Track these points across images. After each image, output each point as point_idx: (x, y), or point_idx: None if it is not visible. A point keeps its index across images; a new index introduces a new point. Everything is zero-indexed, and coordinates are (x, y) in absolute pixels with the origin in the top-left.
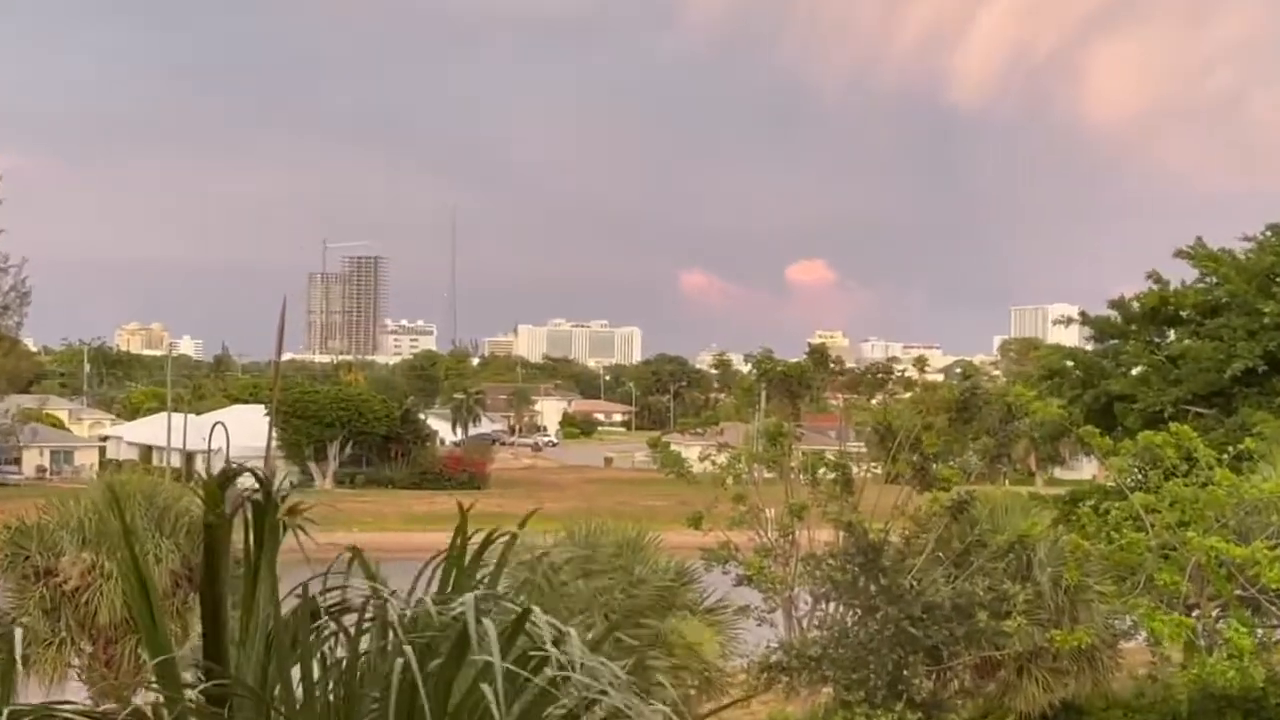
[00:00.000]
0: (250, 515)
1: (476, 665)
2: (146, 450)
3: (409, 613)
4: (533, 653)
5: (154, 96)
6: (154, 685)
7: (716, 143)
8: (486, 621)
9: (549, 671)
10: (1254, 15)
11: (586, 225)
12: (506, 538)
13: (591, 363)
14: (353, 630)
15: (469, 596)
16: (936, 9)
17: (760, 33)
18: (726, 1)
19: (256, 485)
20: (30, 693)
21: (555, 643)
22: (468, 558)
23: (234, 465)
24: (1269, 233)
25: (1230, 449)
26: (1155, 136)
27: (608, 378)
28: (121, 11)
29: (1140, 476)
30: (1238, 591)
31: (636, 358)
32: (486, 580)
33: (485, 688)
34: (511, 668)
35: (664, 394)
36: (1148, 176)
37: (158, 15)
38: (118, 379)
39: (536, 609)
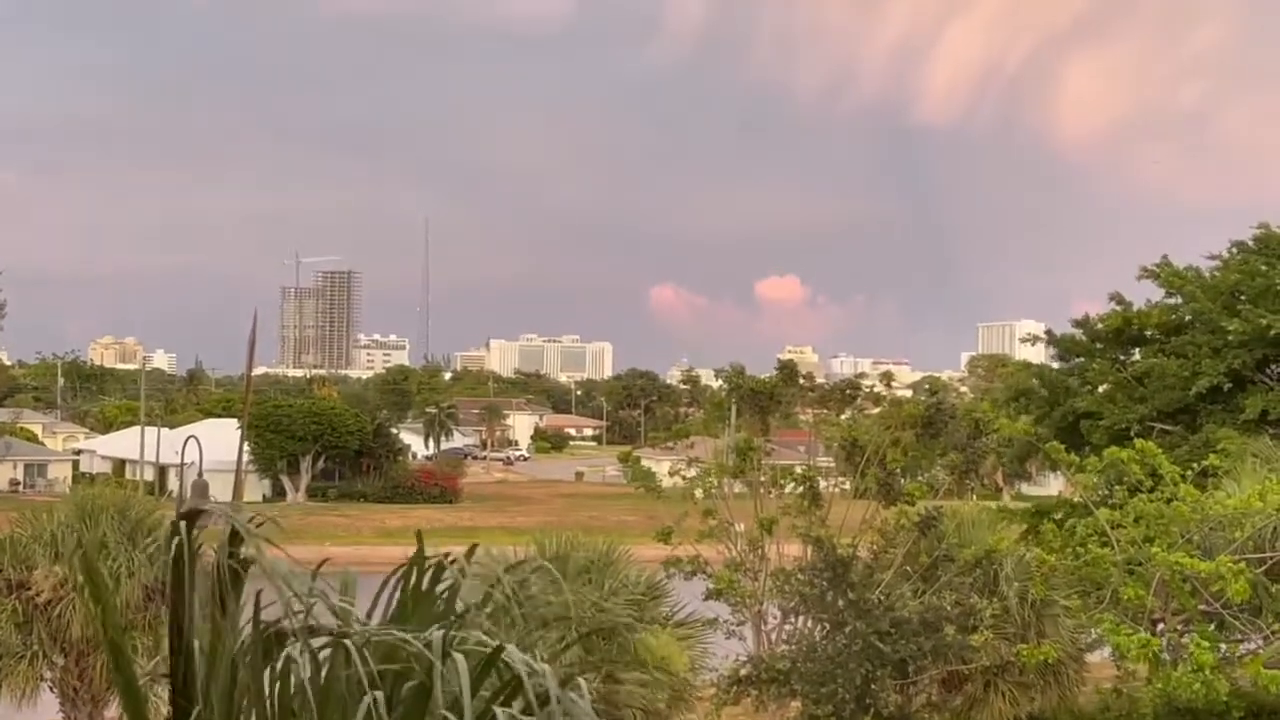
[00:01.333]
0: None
1: (448, 701)
2: (120, 464)
3: (375, 638)
4: (500, 709)
5: (128, 109)
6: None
7: (690, 156)
8: (457, 656)
9: (513, 712)
10: (1221, 32)
11: (560, 237)
12: (463, 557)
13: (563, 377)
14: (322, 654)
15: (436, 633)
16: (907, 24)
17: (733, 47)
18: (701, 16)
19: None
20: (3, 706)
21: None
22: (427, 578)
23: (205, 488)
24: (1234, 250)
25: (1195, 465)
26: (1125, 152)
27: (579, 392)
28: (92, 24)
29: (1106, 492)
30: (1202, 606)
31: (608, 373)
32: (445, 602)
33: None
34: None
35: (635, 409)
36: (1117, 192)
37: (128, 28)
38: (91, 393)
39: (511, 646)
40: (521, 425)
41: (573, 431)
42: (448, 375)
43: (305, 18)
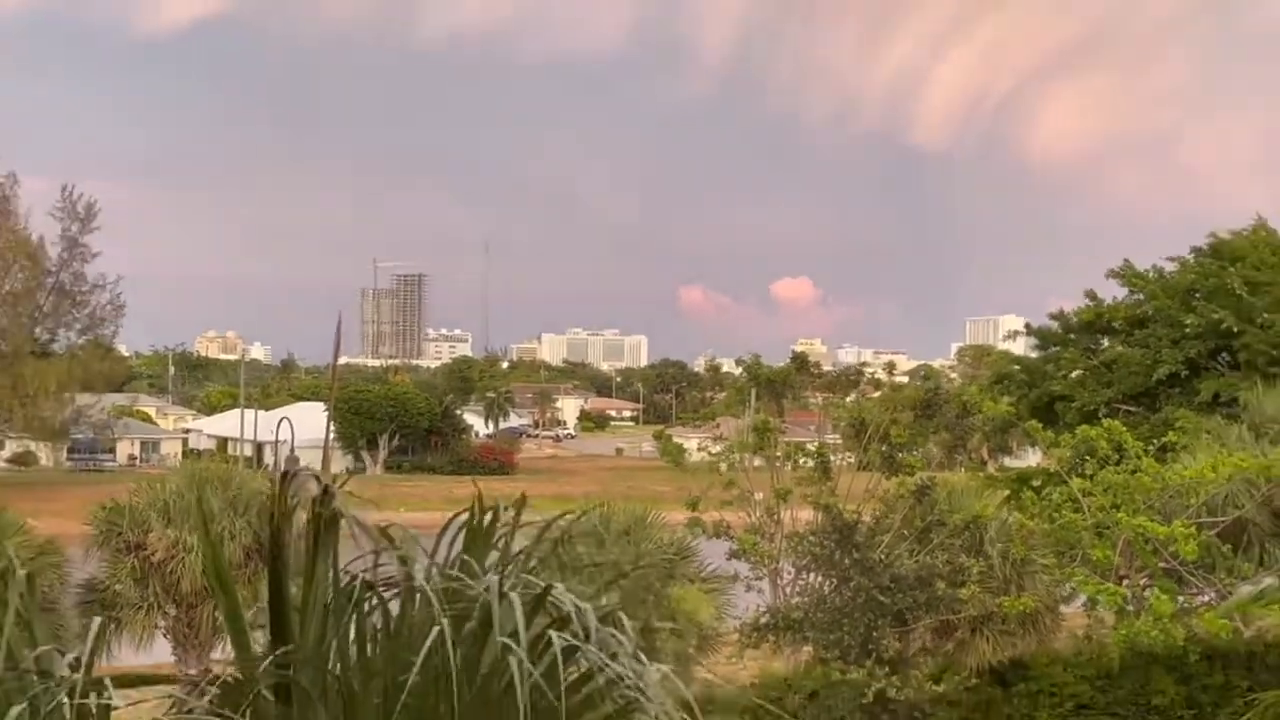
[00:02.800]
0: (312, 505)
1: (505, 632)
2: (223, 441)
3: (442, 585)
4: (553, 631)
5: (227, 135)
6: (229, 645)
7: (716, 174)
8: (512, 595)
9: (566, 639)
10: (1184, 66)
11: (602, 245)
12: (516, 511)
13: (605, 366)
14: (397, 601)
15: (492, 578)
16: (906, 59)
17: (754, 79)
18: (728, 52)
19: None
20: (123, 650)
21: (575, 613)
22: (486, 520)
23: (297, 462)
24: (1191, 255)
25: (1156, 442)
26: (1095, 170)
27: (619, 379)
28: (199, 61)
29: (1078, 465)
30: (1161, 564)
31: (643, 362)
32: (503, 547)
33: (511, 659)
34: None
35: (667, 393)
36: (1088, 205)
37: (230, 64)
38: (197, 380)
39: (558, 585)
40: (569, 408)
41: (613, 413)
42: (505, 364)
43: (384, 54)
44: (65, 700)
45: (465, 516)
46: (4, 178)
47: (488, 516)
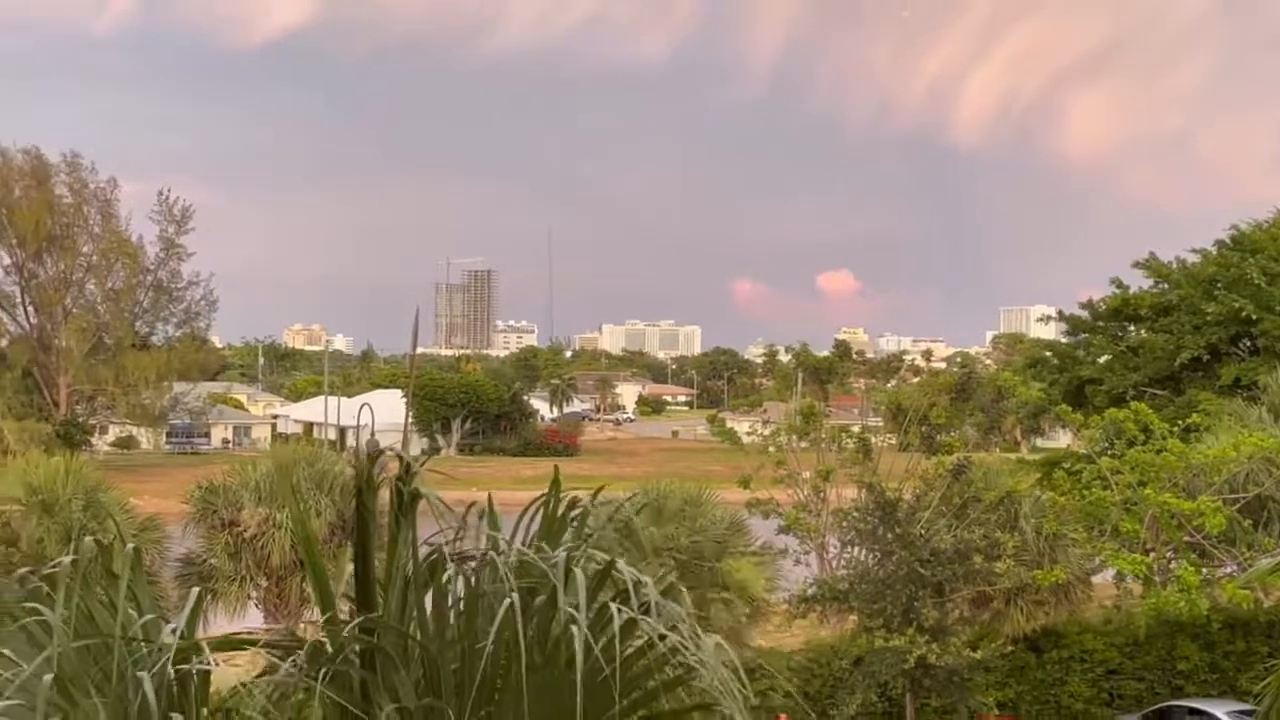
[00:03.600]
0: (394, 484)
1: (572, 603)
2: (309, 426)
3: (514, 559)
4: (613, 603)
5: (313, 144)
6: (317, 614)
7: (762, 174)
8: (577, 571)
9: (628, 612)
10: (1204, 65)
11: (657, 242)
12: (589, 495)
13: (661, 354)
14: (472, 574)
15: (561, 552)
16: (941, 64)
17: (798, 85)
18: (773, 60)
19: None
20: (218, 619)
21: (635, 586)
22: (562, 508)
23: (378, 445)
24: (1213, 247)
25: (1180, 423)
26: (1121, 166)
27: (674, 366)
28: (286, 74)
29: (1107, 445)
30: (1186, 538)
31: (697, 350)
32: (574, 529)
33: (574, 629)
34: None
35: (719, 379)
36: (1114, 199)
37: (314, 76)
38: (285, 369)
39: (620, 561)
40: (627, 393)
41: (669, 398)
42: (568, 354)
43: (455, 66)
44: (169, 664)
45: (541, 500)
46: (105, 182)
47: (562, 505)
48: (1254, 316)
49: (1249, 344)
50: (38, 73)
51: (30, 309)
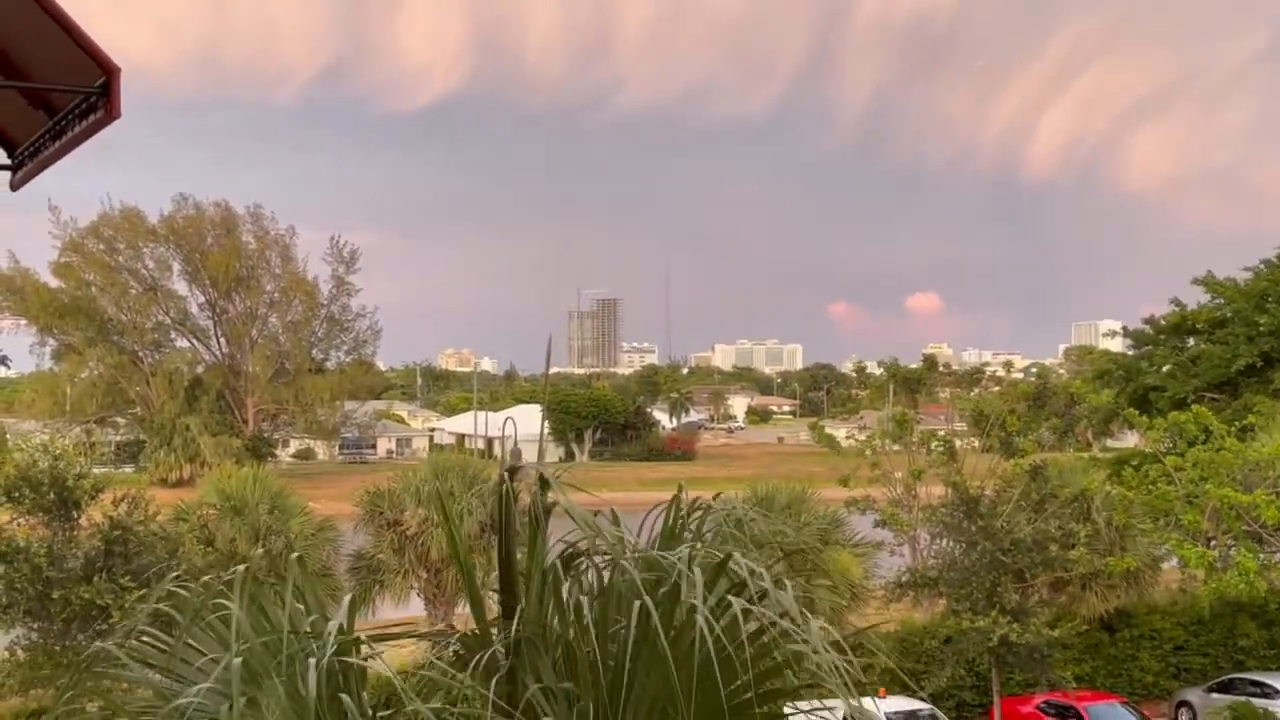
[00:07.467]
0: (534, 492)
1: (694, 595)
2: (460, 437)
3: (641, 556)
4: (731, 596)
5: (464, 193)
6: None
7: (855, 210)
8: (696, 569)
9: (741, 603)
10: (1251, 107)
11: (763, 272)
12: (709, 498)
13: (767, 370)
14: (604, 569)
15: (683, 550)
16: (1013, 108)
17: (886, 131)
18: (862, 110)
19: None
20: (385, 605)
21: (751, 574)
22: (684, 512)
23: (520, 455)
24: (1263, 266)
25: (1237, 424)
26: (1179, 194)
27: (779, 380)
28: (439, 132)
29: (1170, 445)
30: (1244, 527)
31: (799, 365)
32: (695, 530)
33: (698, 618)
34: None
35: (819, 391)
36: (1173, 226)
37: (462, 134)
38: (440, 388)
39: (736, 554)
40: (738, 405)
41: (774, 408)
42: (685, 370)
43: (583, 124)
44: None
45: (668, 503)
46: (285, 230)
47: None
48: None
49: None
50: (230, 139)
51: (222, 340)
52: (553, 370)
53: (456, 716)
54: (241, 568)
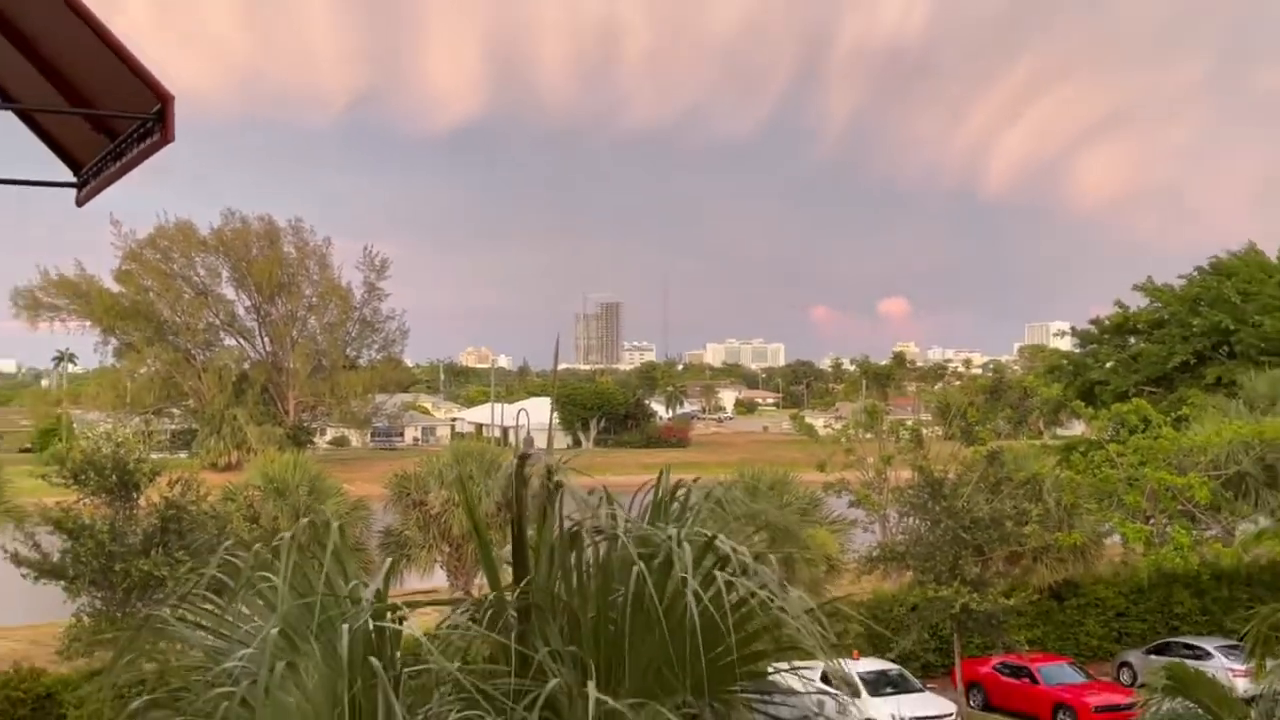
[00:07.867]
0: (543, 475)
1: (683, 570)
2: (479, 427)
3: (636, 533)
4: (717, 571)
5: (483, 204)
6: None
7: (833, 221)
8: (686, 545)
9: (727, 576)
10: (1190, 130)
11: (749, 277)
12: (693, 479)
13: (753, 366)
14: (603, 544)
15: (673, 529)
16: (976, 130)
17: (861, 150)
18: (842, 130)
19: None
20: (412, 577)
21: (733, 554)
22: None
23: (532, 442)
24: (1196, 273)
25: (1172, 415)
26: (1123, 209)
27: (763, 376)
28: (463, 151)
29: (1113, 434)
30: (1179, 507)
31: (782, 362)
32: (680, 510)
33: (687, 590)
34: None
35: (800, 385)
36: (1118, 236)
37: (482, 153)
38: (460, 383)
39: (721, 535)
40: (726, 397)
41: (760, 401)
42: (680, 366)
43: (591, 141)
44: (370, 620)
45: (653, 483)
46: (322, 241)
47: (671, 485)
48: (1232, 327)
49: (1228, 350)
50: (268, 158)
51: (266, 340)
52: (561, 367)
53: (477, 674)
54: (287, 534)
